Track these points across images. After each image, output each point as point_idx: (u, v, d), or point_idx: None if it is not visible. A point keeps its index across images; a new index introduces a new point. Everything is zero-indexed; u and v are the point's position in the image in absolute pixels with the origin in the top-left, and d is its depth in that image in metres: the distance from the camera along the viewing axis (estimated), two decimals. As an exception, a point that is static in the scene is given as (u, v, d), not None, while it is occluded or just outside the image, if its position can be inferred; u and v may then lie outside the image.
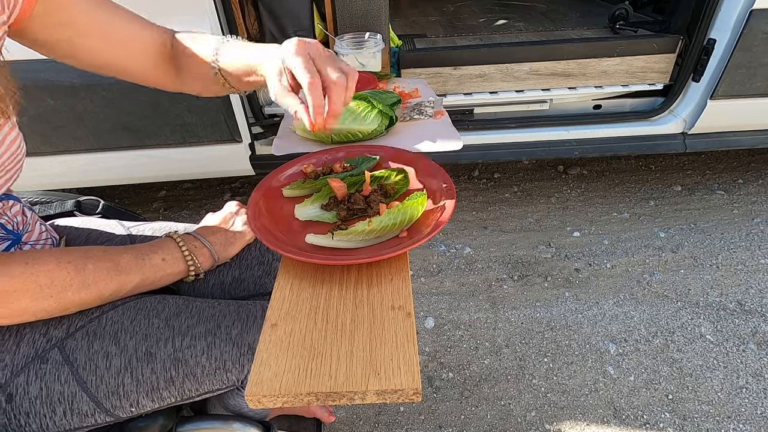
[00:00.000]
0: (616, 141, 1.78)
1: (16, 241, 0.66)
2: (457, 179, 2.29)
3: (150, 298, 0.69)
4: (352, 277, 0.58)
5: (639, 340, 1.46)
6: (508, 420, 1.27)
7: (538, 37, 1.96)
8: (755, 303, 1.56)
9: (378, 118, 0.87)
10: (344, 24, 1.53)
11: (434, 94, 1.13)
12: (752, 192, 2.10)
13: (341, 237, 0.61)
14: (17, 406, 0.60)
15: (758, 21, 1.46)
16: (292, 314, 0.53)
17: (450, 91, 1.79)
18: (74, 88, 1.41)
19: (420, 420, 1.28)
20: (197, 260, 0.71)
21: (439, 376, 1.39)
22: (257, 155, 1.71)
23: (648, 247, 1.82)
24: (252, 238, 0.81)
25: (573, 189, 2.19)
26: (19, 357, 0.61)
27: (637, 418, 1.25)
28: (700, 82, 1.66)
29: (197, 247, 0.72)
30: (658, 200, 2.08)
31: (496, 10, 2.44)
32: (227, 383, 0.67)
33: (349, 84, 0.59)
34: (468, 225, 2.00)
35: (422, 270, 1.77)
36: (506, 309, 1.59)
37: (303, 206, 0.69)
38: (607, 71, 1.76)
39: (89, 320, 0.64)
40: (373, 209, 0.67)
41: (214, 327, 0.66)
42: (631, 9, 1.88)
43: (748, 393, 1.29)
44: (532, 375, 1.37)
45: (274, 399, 0.45)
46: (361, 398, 0.45)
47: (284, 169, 0.78)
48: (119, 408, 0.63)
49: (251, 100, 1.61)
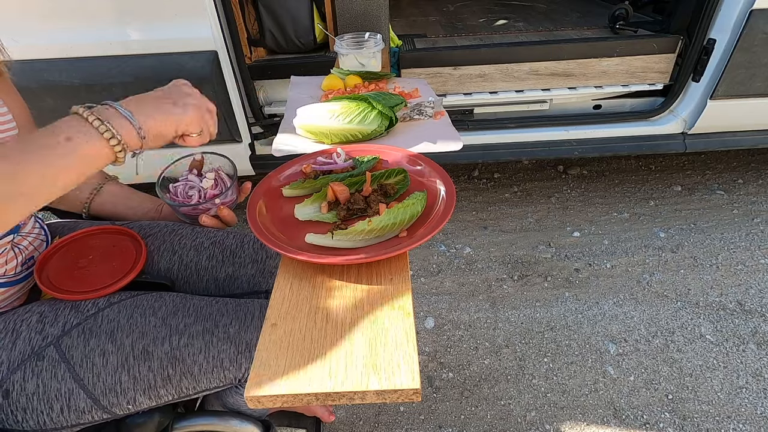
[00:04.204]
0: (616, 141, 1.79)
1: (14, 230, 0.67)
2: (457, 179, 2.29)
3: (147, 296, 0.69)
4: (352, 277, 0.58)
5: (639, 340, 1.46)
6: (508, 420, 1.27)
7: (538, 37, 1.96)
8: (755, 303, 1.56)
9: (378, 119, 0.87)
10: (344, 24, 1.53)
11: (434, 94, 1.13)
12: (752, 192, 2.09)
13: (341, 237, 0.61)
14: (14, 402, 0.60)
15: (758, 21, 1.46)
16: (292, 314, 0.53)
17: (450, 91, 1.79)
18: (74, 88, 1.41)
19: (420, 420, 1.28)
20: (116, 131, 0.53)
21: (439, 376, 1.38)
22: (257, 155, 1.71)
23: (648, 247, 1.82)
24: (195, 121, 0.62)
25: (573, 189, 2.19)
26: (16, 354, 0.61)
27: (637, 418, 1.25)
28: (700, 82, 1.66)
29: (112, 116, 0.54)
30: (658, 200, 2.08)
31: (496, 10, 2.44)
32: (225, 381, 0.67)
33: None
34: (468, 225, 1.99)
35: (422, 270, 1.77)
36: (506, 309, 1.59)
37: (303, 206, 0.69)
38: (607, 71, 1.76)
39: (85, 318, 0.64)
40: (373, 209, 0.67)
41: (211, 325, 0.66)
42: (631, 9, 1.88)
43: (748, 393, 1.29)
44: (532, 375, 1.37)
45: (274, 399, 0.44)
46: (360, 398, 0.44)
47: (284, 169, 0.78)
48: (116, 405, 0.63)
49: (251, 100, 1.61)
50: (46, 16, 1.35)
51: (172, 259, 0.79)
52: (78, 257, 0.73)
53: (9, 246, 0.68)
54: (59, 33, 1.37)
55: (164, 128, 0.58)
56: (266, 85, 1.75)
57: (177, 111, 0.59)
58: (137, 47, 1.40)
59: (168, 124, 0.59)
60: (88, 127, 0.52)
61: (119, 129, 0.54)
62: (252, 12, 1.70)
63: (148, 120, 0.56)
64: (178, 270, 0.79)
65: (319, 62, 1.68)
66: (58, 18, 1.36)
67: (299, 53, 1.76)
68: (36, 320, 0.64)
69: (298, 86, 1.21)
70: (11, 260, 0.68)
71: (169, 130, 0.59)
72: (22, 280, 0.70)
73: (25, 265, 0.70)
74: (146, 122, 0.56)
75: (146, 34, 1.39)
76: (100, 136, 0.52)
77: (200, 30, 1.39)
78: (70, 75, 1.40)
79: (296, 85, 1.22)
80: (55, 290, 0.67)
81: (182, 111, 0.60)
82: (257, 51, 1.75)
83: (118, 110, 0.55)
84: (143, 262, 0.73)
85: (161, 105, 0.59)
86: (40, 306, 0.66)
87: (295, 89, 1.18)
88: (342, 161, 0.78)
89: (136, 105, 0.57)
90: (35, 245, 0.73)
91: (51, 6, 1.34)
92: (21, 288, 0.70)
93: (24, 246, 0.71)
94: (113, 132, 0.53)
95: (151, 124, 0.57)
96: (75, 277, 0.70)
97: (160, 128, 0.58)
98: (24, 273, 0.70)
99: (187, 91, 0.63)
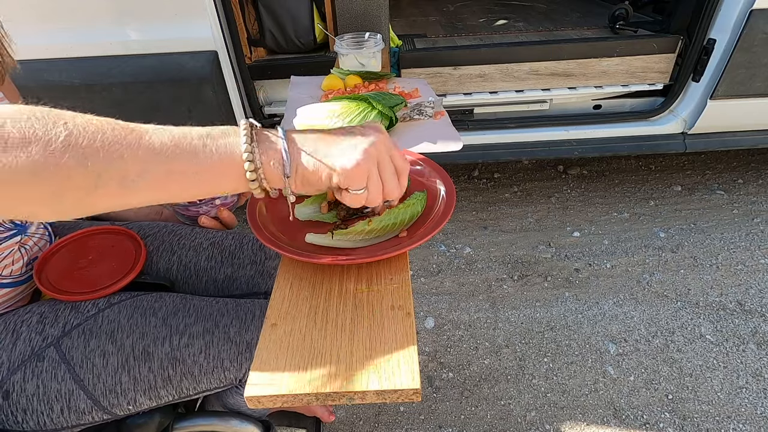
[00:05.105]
0: (616, 141, 1.79)
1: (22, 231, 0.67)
2: (457, 179, 2.29)
3: (147, 296, 0.69)
4: (352, 277, 0.58)
5: (639, 340, 1.46)
6: (508, 420, 1.27)
7: (538, 37, 1.96)
8: (755, 303, 1.56)
9: (378, 119, 0.87)
10: (344, 24, 1.53)
11: (434, 94, 1.13)
12: (752, 192, 2.09)
13: (341, 237, 0.61)
14: (14, 403, 0.60)
15: (758, 21, 1.46)
16: (292, 314, 0.53)
17: (450, 91, 1.79)
18: (74, 88, 1.41)
19: (420, 420, 1.28)
20: (261, 169, 0.44)
21: (439, 376, 1.38)
22: (257, 155, 1.71)
23: (648, 247, 1.82)
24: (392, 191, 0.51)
25: (573, 189, 2.19)
26: (16, 354, 0.61)
27: (637, 418, 1.25)
28: (700, 82, 1.66)
29: (264, 139, 0.45)
30: (658, 200, 2.08)
31: (496, 10, 2.44)
32: (225, 382, 0.67)
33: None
34: (468, 225, 1.99)
35: (422, 270, 1.77)
36: (506, 309, 1.59)
37: (303, 206, 0.69)
38: (607, 71, 1.76)
39: (85, 318, 0.64)
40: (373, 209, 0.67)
41: (211, 326, 0.66)
42: (631, 9, 1.88)
43: (748, 393, 1.29)
44: (532, 375, 1.37)
45: (274, 399, 0.44)
46: (360, 398, 0.44)
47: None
48: (116, 406, 0.63)
49: (251, 100, 1.61)
50: (46, 16, 1.35)
51: (171, 260, 0.79)
52: (78, 258, 0.73)
53: (16, 247, 0.68)
54: (59, 33, 1.37)
55: (313, 176, 0.46)
56: (266, 85, 1.75)
57: (360, 158, 0.47)
58: (137, 47, 1.40)
59: (322, 170, 0.46)
60: (235, 138, 0.43)
61: (263, 156, 0.44)
62: (252, 12, 1.70)
63: (305, 169, 0.46)
64: (177, 270, 0.79)
65: (319, 62, 1.68)
66: (58, 18, 1.36)
67: (299, 53, 1.76)
68: (36, 321, 0.64)
69: (298, 86, 1.21)
70: (18, 261, 0.68)
71: (321, 178, 0.47)
72: (27, 281, 0.70)
73: (30, 265, 0.70)
74: (304, 169, 0.46)
75: (146, 34, 1.39)
76: (238, 156, 0.43)
77: (200, 30, 1.39)
78: (70, 75, 1.40)
79: (296, 85, 1.22)
80: (55, 291, 0.67)
81: (347, 159, 0.46)
82: (257, 51, 1.76)
83: (279, 136, 0.45)
84: (143, 263, 0.73)
85: (338, 149, 0.47)
86: (40, 306, 0.66)
87: (295, 89, 1.18)
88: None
89: (313, 143, 0.47)
90: (40, 245, 0.74)
91: (51, 6, 1.34)
92: (25, 288, 0.70)
93: (30, 246, 0.71)
94: (255, 156, 0.43)
95: (307, 175, 0.46)
96: (75, 277, 0.70)
97: (308, 174, 0.46)
98: (29, 273, 0.70)
99: (378, 133, 0.50)
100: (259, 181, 0.44)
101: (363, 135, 0.48)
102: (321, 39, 1.73)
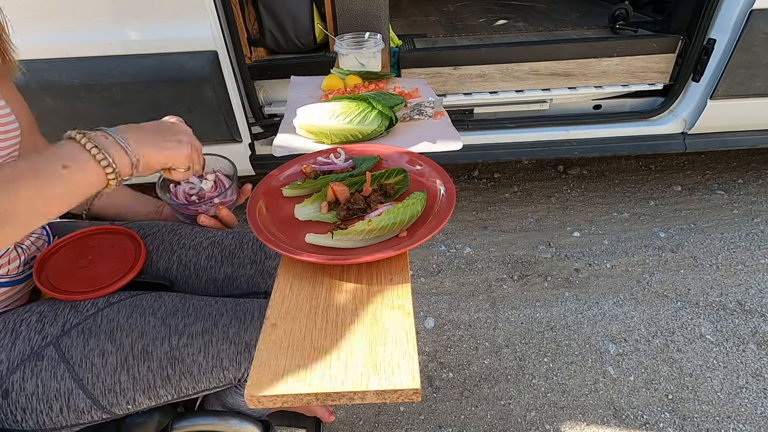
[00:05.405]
0: (616, 141, 1.79)
1: None
2: (457, 179, 2.29)
3: (146, 296, 0.69)
4: (352, 276, 0.58)
5: (639, 340, 1.46)
6: (508, 420, 1.27)
7: (538, 37, 1.96)
8: (755, 303, 1.56)
9: (378, 119, 0.87)
10: (344, 24, 1.53)
11: (434, 94, 1.13)
12: (752, 192, 2.09)
13: (341, 237, 0.61)
14: (13, 402, 0.60)
15: (758, 21, 1.46)
16: (292, 314, 0.53)
17: (450, 91, 1.79)
18: (74, 88, 1.41)
19: (420, 420, 1.28)
20: (113, 160, 0.54)
21: (439, 376, 1.38)
22: (257, 155, 1.71)
23: (648, 247, 1.82)
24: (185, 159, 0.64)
25: (573, 189, 2.19)
26: (15, 354, 0.61)
27: (637, 418, 1.25)
28: (700, 82, 1.66)
29: (109, 145, 0.55)
30: (658, 200, 2.08)
31: (496, 10, 2.44)
32: (224, 381, 0.67)
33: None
34: (468, 225, 1.99)
35: (422, 270, 1.77)
36: (506, 309, 1.59)
37: (303, 206, 0.69)
38: (607, 71, 1.76)
39: (84, 318, 0.64)
40: (373, 209, 0.67)
41: (211, 325, 0.66)
42: (631, 9, 1.88)
43: (748, 393, 1.29)
44: (532, 375, 1.37)
45: (274, 399, 0.44)
46: (360, 398, 0.44)
47: (284, 169, 0.78)
48: (116, 405, 0.63)
49: (251, 100, 1.61)
50: (46, 16, 1.35)
51: (171, 259, 0.79)
52: (77, 257, 0.73)
53: (12, 246, 0.68)
54: (59, 33, 1.37)
55: (156, 161, 0.61)
56: (266, 85, 1.75)
57: (171, 146, 0.62)
58: (137, 47, 1.40)
59: (160, 158, 0.61)
60: (86, 155, 0.53)
61: (115, 158, 0.55)
62: (252, 12, 1.70)
63: (143, 151, 0.58)
64: (177, 270, 0.79)
65: (319, 62, 1.68)
66: (58, 18, 1.36)
67: (299, 53, 1.76)
68: (35, 320, 0.64)
69: (298, 86, 1.21)
70: (14, 260, 0.68)
71: (159, 163, 0.61)
72: (24, 280, 0.70)
73: (27, 264, 0.70)
74: (141, 153, 0.58)
75: (146, 34, 1.39)
76: (97, 164, 0.53)
77: (200, 30, 1.38)
78: (70, 75, 1.39)
79: (296, 85, 1.22)
80: (54, 290, 0.67)
81: (176, 147, 0.62)
82: (257, 51, 1.75)
83: (116, 139, 0.56)
84: (142, 262, 0.73)
85: (157, 139, 0.61)
86: (40, 306, 0.66)
87: (295, 89, 1.18)
88: (342, 161, 0.78)
89: (133, 135, 0.58)
90: (38, 245, 0.74)
91: (51, 6, 1.34)
92: (23, 288, 0.70)
93: (26, 246, 0.71)
94: (110, 161, 0.54)
95: (142, 152, 0.58)
96: (74, 277, 0.70)
97: (151, 161, 0.60)
98: (26, 272, 0.70)
99: (182, 128, 0.66)
100: (117, 177, 0.55)
101: (178, 128, 0.65)
102: (321, 39, 1.73)
